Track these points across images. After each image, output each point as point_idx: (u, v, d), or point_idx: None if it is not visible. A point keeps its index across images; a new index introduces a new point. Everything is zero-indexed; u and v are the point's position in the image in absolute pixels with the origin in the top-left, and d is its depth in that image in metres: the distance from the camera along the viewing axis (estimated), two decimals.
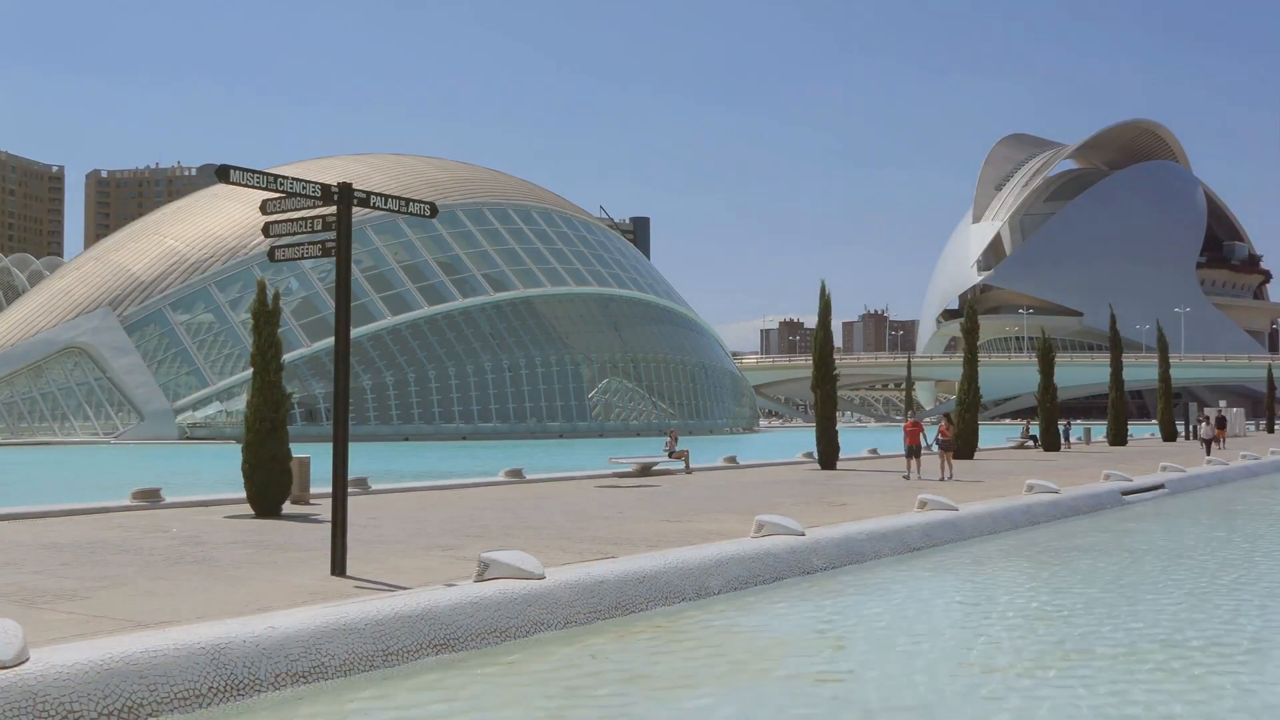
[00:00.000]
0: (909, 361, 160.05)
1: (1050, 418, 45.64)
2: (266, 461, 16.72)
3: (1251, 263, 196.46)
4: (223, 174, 10.52)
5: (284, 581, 10.48)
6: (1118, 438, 52.96)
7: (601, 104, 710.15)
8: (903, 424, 27.84)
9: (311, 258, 11.62)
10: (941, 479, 25.15)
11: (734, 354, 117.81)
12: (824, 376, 31.34)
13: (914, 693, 8.20)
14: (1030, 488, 21.73)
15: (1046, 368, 46.79)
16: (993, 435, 55.35)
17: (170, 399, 65.66)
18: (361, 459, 19.22)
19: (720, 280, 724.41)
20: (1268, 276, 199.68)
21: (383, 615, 8.73)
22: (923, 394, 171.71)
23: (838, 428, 31.70)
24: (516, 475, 24.77)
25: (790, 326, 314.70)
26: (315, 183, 11.17)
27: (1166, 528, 20.48)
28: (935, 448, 26.26)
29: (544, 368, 72.61)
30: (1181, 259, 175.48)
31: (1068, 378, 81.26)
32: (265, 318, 16.90)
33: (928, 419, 28.53)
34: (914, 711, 7.75)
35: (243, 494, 17.12)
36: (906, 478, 25.48)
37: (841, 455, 31.61)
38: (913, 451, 25.97)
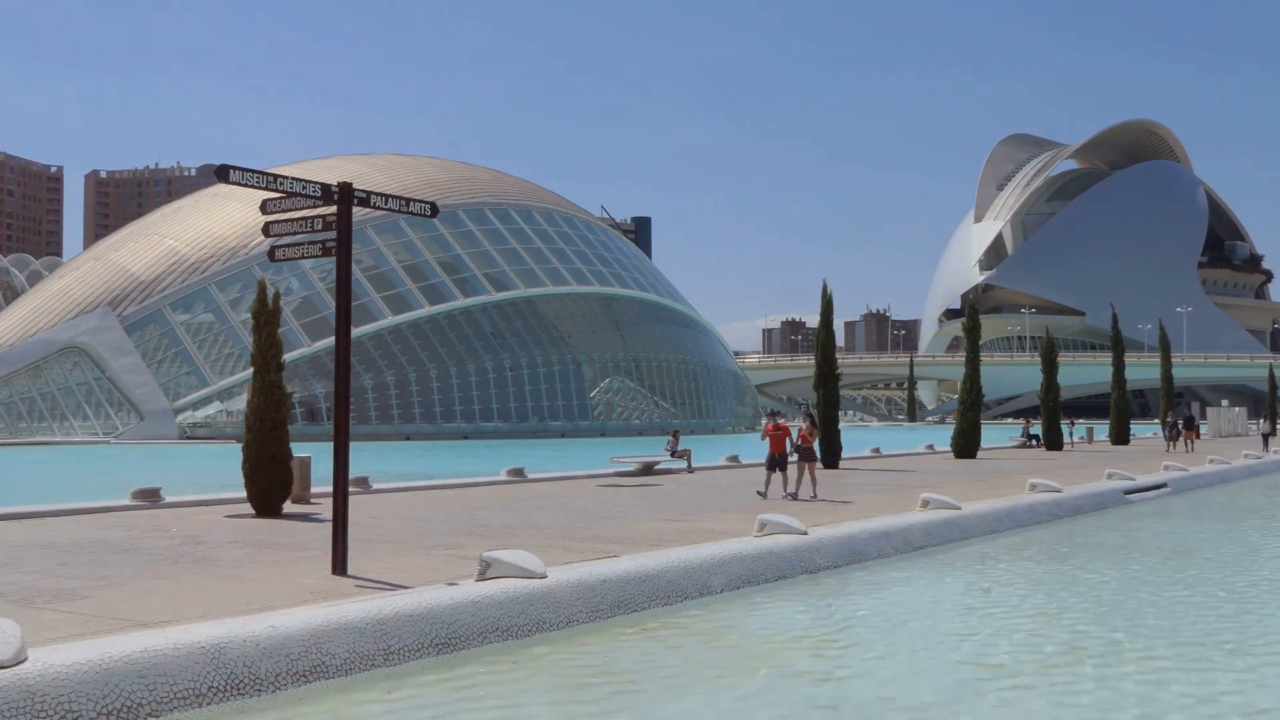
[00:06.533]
0: (911, 361, 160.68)
1: (1053, 417, 45.62)
2: (267, 461, 16.69)
3: (1253, 262, 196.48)
4: (222, 174, 10.49)
5: (285, 581, 10.44)
6: (1120, 437, 52.95)
7: (602, 104, 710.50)
8: (800, 428, 21.51)
9: (312, 257, 11.59)
10: (795, 494, 20.16)
11: (736, 353, 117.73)
12: (826, 376, 31.29)
13: (917, 692, 8.16)
14: (1033, 486, 21.69)
15: (1050, 367, 46.73)
16: (995, 434, 55.42)
17: (170, 399, 65.61)
18: (363, 458, 19.18)
19: (722, 280, 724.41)
20: (1269, 276, 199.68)
21: (384, 614, 8.69)
22: (925, 393, 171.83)
23: (840, 427, 31.66)
24: (518, 474, 24.72)
25: (792, 326, 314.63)
26: (315, 182, 11.13)
27: (1169, 526, 20.44)
28: (794, 456, 20.91)
29: (545, 367, 72.56)
30: (1183, 259, 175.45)
31: (1070, 377, 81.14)
32: (265, 317, 16.88)
33: (784, 419, 23.84)
34: (918, 711, 7.70)
35: (243, 493, 17.08)
36: (762, 494, 20.26)
37: (844, 454, 31.56)
38: (775, 462, 20.47)
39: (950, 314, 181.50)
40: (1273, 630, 10.87)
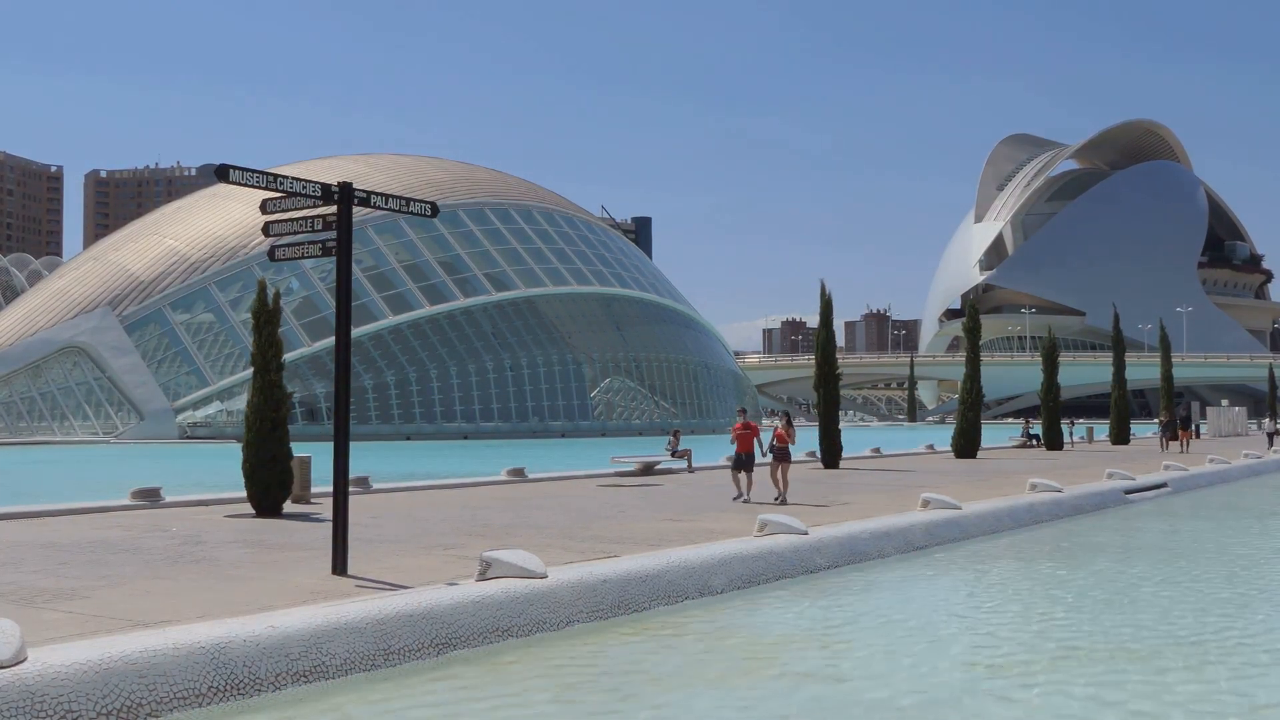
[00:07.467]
0: (911, 361, 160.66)
1: (1053, 417, 45.66)
2: (267, 461, 16.69)
3: (1253, 262, 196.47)
4: (222, 174, 10.49)
5: (285, 581, 10.43)
6: (1120, 437, 52.96)
7: (602, 104, 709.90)
8: (774, 428, 20.55)
9: (312, 257, 11.59)
10: (776, 498, 19.27)
11: (736, 353, 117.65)
12: (826, 376, 31.33)
13: (917, 692, 8.15)
14: (1034, 486, 21.69)
15: (1050, 367, 46.75)
16: (995, 434, 55.44)
17: (170, 399, 65.61)
18: (363, 458, 19.17)
19: (722, 280, 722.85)
20: (1269, 276, 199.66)
21: (384, 614, 8.69)
22: (925, 393, 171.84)
23: (840, 427, 31.67)
24: (518, 474, 24.72)
25: (792, 326, 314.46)
26: (315, 182, 11.13)
27: (1170, 526, 20.44)
28: (769, 456, 20.07)
29: (546, 367, 72.57)
30: (1183, 259, 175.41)
31: (1070, 377, 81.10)
32: (266, 317, 16.88)
33: (758, 419, 22.63)
34: (917, 710, 7.69)
35: (243, 493, 17.08)
36: (737, 499, 19.35)
37: (844, 454, 31.56)
38: (743, 463, 19.49)
39: (950, 314, 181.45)
40: (1274, 628, 10.85)
